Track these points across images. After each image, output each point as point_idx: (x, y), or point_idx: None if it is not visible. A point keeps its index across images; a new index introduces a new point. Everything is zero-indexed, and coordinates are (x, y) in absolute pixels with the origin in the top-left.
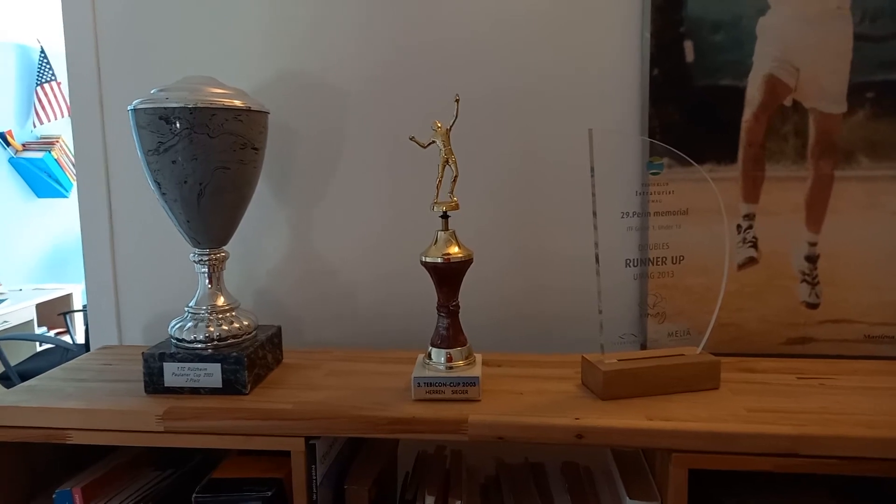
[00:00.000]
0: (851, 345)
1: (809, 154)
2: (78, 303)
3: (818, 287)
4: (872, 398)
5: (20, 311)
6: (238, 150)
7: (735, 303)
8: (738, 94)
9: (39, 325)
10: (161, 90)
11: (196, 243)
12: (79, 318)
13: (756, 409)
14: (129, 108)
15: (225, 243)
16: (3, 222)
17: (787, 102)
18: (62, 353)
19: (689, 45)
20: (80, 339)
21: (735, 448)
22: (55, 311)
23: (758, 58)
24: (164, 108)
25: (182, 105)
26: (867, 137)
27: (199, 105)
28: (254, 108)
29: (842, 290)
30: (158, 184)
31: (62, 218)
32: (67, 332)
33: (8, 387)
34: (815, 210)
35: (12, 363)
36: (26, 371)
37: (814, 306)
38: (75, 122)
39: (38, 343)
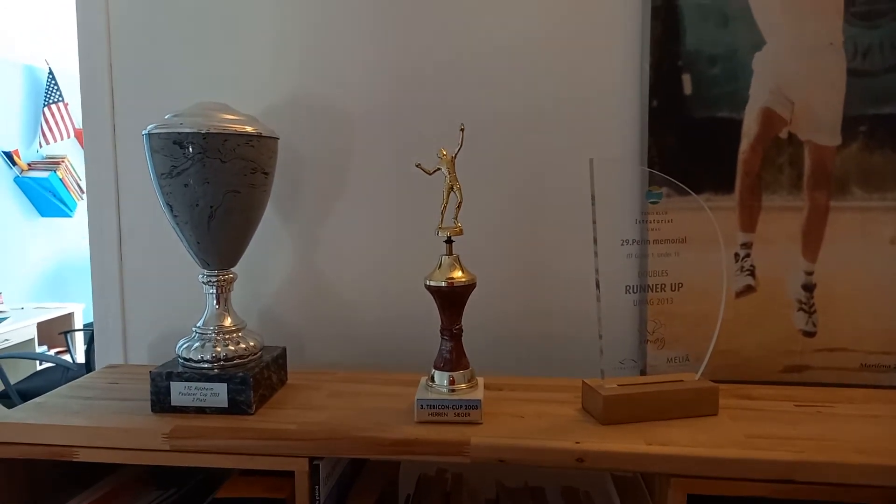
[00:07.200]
0: (848, 373)
1: (805, 185)
2: (79, 322)
3: (815, 315)
4: (869, 426)
5: (21, 329)
6: (248, 174)
7: (733, 330)
8: (735, 126)
9: (40, 344)
10: (175, 115)
11: (205, 265)
12: (79, 338)
13: (754, 435)
14: (143, 132)
15: (234, 265)
16: (7, 241)
17: (783, 134)
18: (62, 373)
19: (686, 78)
20: (81, 359)
21: (734, 473)
22: (56, 330)
23: (754, 91)
24: (178, 133)
25: (196, 130)
26: (861, 169)
27: (211, 131)
28: (265, 133)
29: (838, 318)
30: (170, 206)
31: (65, 237)
32: (68, 351)
33: (8, 406)
34: (811, 239)
35: (12, 381)
36: (26, 390)
37: (810, 334)
38: (87, 144)
39: (38, 362)
